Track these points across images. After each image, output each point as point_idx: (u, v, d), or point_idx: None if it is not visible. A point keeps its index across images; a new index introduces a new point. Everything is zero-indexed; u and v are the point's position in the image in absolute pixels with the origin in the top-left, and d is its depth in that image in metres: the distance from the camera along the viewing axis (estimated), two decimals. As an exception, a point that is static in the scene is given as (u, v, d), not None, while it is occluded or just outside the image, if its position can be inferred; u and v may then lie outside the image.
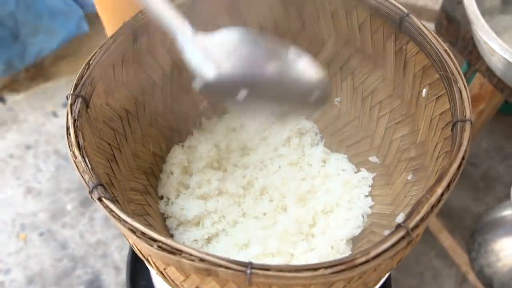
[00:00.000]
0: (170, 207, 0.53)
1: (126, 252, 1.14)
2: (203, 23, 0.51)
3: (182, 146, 0.58)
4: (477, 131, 1.07)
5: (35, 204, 1.28)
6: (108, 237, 1.22)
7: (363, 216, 0.52)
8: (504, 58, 0.60)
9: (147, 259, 0.39)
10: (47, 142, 1.40)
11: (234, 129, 0.58)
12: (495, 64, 0.67)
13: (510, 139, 1.45)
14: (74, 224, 1.24)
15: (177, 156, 0.56)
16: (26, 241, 1.23)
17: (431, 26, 0.88)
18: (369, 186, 0.55)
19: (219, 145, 0.57)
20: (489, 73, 0.75)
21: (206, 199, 0.54)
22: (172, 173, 0.55)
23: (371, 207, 0.53)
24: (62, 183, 1.32)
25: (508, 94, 0.74)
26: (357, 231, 0.51)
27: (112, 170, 0.45)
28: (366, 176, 0.55)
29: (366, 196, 0.54)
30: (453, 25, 0.80)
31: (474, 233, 1.03)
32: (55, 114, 1.47)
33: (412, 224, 0.33)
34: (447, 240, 1.13)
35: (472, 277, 1.04)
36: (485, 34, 0.62)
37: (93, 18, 1.55)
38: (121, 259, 1.18)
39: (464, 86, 0.40)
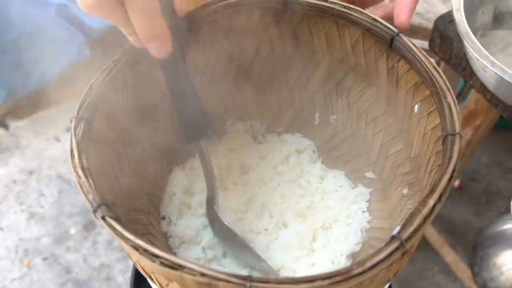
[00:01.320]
0: (172, 227, 0.54)
1: (129, 275, 1.15)
2: (201, 47, 0.53)
3: (183, 167, 0.59)
4: (475, 146, 1.08)
5: (38, 228, 1.29)
6: (112, 260, 1.22)
7: (361, 231, 0.53)
8: (496, 74, 0.61)
9: (150, 276, 0.40)
10: (50, 167, 1.41)
11: (234, 149, 0.59)
12: (488, 79, 0.68)
13: (510, 153, 1.46)
14: (78, 248, 1.25)
15: (178, 178, 0.57)
16: (29, 266, 1.23)
17: (425, 44, 0.90)
18: (366, 201, 0.56)
19: (220, 165, 0.58)
20: (483, 88, 0.76)
21: (206, 217, 0.55)
22: (174, 194, 0.56)
23: (369, 222, 0.54)
24: (65, 207, 1.33)
25: (502, 109, 0.76)
26: (357, 247, 0.52)
27: (115, 190, 0.46)
28: (363, 192, 0.56)
29: (364, 211, 0.55)
30: (446, 43, 0.82)
31: (476, 247, 1.03)
32: (57, 139, 1.48)
33: (405, 235, 0.34)
34: (449, 255, 1.14)
35: (475, 291, 1.05)
36: (476, 51, 0.63)
37: (94, 44, 1.58)
38: (124, 282, 1.18)
39: (454, 101, 0.41)
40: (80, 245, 1.26)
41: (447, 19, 0.82)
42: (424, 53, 0.45)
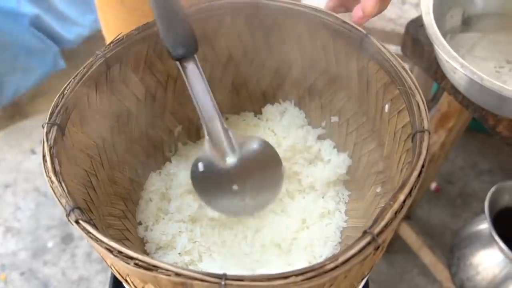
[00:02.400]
0: (149, 232, 0.54)
1: (109, 286, 1.13)
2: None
3: (160, 173, 0.59)
4: (449, 148, 1.09)
5: (15, 243, 1.27)
6: (91, 272, 1.21)
7: (340, 232, 0.54)
8: (465, 75, 0.63)
9: (125, 280, 0.39)
10: (26, 179, 1.39)
11: (209, 153, 0.60)
12: (458, 81, 0.70)
13: (484, 155, 1.49)
14: (56, 261, 1.23)
15: (155, 183, 0.57)
16: (6, 281, 1.21)
17: (399, 49, 0.92)
18: (345, 203, 0.56)
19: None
20: (454, 90, 0.78)
21: (185, 223, 0.55)
22: (151, 200, 0.56)
23: (345, 221, 0.54)
24: (42, 220, 1.31)
25: (473, 110, 0.77)
26: (336, 249, 0.52)
27: (90, 196, 0.46)
28: (341, 192, 0.57)
29: (341, 212, 0.55)
30: (418, 47, 0.83)
31: (453, 248, 1.04)
32: (33, 152, 1.47)
33: (377, 229, 0.35)
34: (428, 256, 1.15)
35: (454, 292, 1.06)
36: (446, 53, 0.65)
37: (69, 54, 1.57)
38: (104, 293, 1.16)
39: (422, 99, 0.42)
40: (58, 259, 1.25)
41: (418, 23, 0.84)
42: (393, 53, 0.46)
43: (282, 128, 0.59)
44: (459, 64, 0.63)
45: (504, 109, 0.67)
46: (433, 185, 1.42)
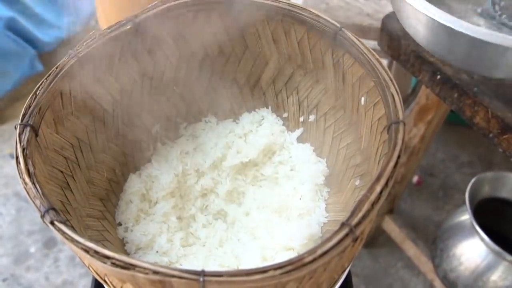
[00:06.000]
0: (129, 233, 0.53)
1: (93, 290, 1.12)
2: (148, 50, 0.53)
3: (140, 174, 0.58)
4: (429, 140, 1.10)
5: (-4, 249, 1.25)
6: (75, 276, 1.20)
7: (321, 227, 0.54)
8: (427, 16, 0.56)
9: (104, 280, 0.39)
10: (6, 185, 1.37)
11: (188, 153, 0.59)
12: (422, 33, 0.63)
13: (464, 148, 1.50)
14: (39, 266, 1.22)
15: (135, 185, 0.56)
16: (-12, 288, 1.19)
17: (376, 44, 0.92)
18: (324, 200, 0.56)
19: (176, 171, 0.57)
20: (432, 83, 0.78)
21: (166, 223, 0.54)
22: (131, 201, 0.55)
23: (326, 217, 0.54)
24: (24, 225, 1.30)
25: (451, 102, 0.78)
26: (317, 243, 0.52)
27: (66, 197, 0.45)
28: (320, 190, 0.57)
29: (320, 208, 0.55)
30: (394, 41, 0.84)
31: (436, 240, 1.05)
32: (12, 156, 1.45)
33: (355, 221, 0.35)
34: (411, 249, 1.16)
35: (438, 283, 1.07)
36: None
37: (47, 58, 1.55)
38: (88, 297, 1.15)
39: (396, 91, 0.42)
40: (41, 264, 1.23)
41: (394, 18, 0.84)
42: (367, 46, 0.46)
43: (259, 136, 0.59)
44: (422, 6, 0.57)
45: (471, 59, 0.61)
46: (415, 178, 1.43)
